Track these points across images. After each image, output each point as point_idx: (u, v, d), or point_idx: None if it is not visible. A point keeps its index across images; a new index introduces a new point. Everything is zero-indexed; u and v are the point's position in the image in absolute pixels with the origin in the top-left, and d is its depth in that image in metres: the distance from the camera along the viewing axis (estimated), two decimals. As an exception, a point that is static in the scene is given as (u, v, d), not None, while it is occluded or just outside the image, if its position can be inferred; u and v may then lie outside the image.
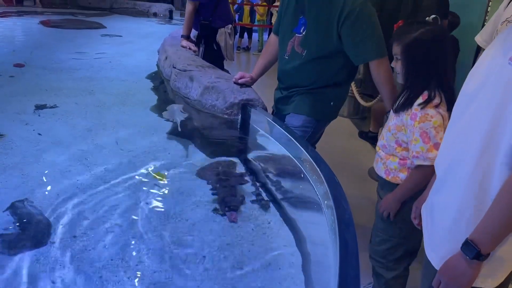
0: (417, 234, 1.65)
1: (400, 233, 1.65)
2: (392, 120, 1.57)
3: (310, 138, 2.06)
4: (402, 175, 1.57)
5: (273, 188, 1.59)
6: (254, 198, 1.47)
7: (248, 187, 1.54)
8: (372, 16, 1.83)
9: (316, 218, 1.27)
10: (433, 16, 1.54)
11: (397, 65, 1.54)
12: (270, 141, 1.83)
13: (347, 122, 4.59)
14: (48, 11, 6.49)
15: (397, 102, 1.54)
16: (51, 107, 2.21)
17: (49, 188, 1.46)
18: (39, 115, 2.10)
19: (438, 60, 1.47)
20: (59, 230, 1.23)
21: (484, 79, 1.03)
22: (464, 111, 1.08)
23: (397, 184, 1.59)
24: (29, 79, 2.75)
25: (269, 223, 1.36)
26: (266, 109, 2.02)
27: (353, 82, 4.03)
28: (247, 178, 1.58)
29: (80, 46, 3.99)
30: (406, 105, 1.49)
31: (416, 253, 1.72)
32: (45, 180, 1.51)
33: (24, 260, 1.11)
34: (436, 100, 1.46)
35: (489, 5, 4.00)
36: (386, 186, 1.66)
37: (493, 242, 0.99)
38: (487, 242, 0.98)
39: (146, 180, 1.57)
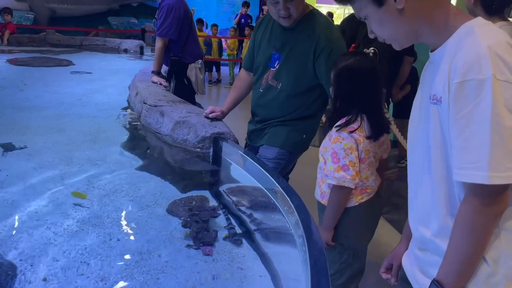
0: (359, 258, 1.73)
1: (340, 258, 1.70)
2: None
3: (283, 170, 2.09)
4: None
5: (246, 221, 1.59)
6: (227, 232, 1.47)
7: (221, 221, 1.54)
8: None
9: (288, 249, 1.28)
10: (372, 48, 1.66)
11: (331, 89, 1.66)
12: (242, 174, 1.84)
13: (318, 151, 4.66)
14: (16, 49, 6.42)
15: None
16: (20, 147, 2.17)
17: (17, 230, 1.42)
18: (6, 156, 2.06)
19: (362, 88, 1.56)
20: (27, 274, 1.19)
21: (417, 125, 1.07)
22: (414, 160, 1.11)
23: None
24: (-4, 119, 2.70)
25: (244, 256, 1.35)
26: (237, 142, 2.05)
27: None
28: (220, 211, 1.59)
29: (49, 84, 3.96)
30: (330, 128, 1.60)
31: (361, 275, 1.78)
32: (13, 222, 1.47)
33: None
34: (353, 125, 1.55)
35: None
36: (322, 209, 1.73)
37: (457, 280, 0.97)
38: (451, 281, 0.97)
39: (117, 217, 1.55)
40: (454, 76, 0.90)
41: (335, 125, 1.58)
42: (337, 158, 1.54)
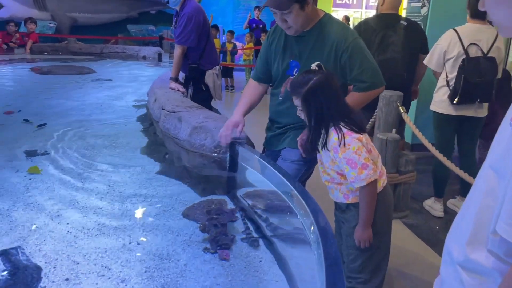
0: (386, 241, 1.83)
1: (370, 244, 1.75)
2: (323, 158, 1.73)
3: (305, 173, 2.08)
4: None
5: (263, 225, 1.61)
6: (244, 235, 1.49)
7: (239, 225, 1.56)
8: (365, 49, 1.97)
9: (304, 252, 1.29)
10: (317, 63, 1.78)
11: (302, 115, 1.72)
12: (258, 178, 1.86)
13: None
14: (39, 58, 6.60)
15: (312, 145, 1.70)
16: (42, 154, 2.23)
17: (40, 233, 1.46)
18: (31, 161, 2.12)
19: (330, 101, 1.65)
20: (50, 276, 1.23)
21: (495, 148, 0.88)
22: (481, 173, 0.91)
23: (358, 203, 1.72)
24: (19, 126, 2.78)
25: (260, 261, 1.37)
26: (253, 147, 2.06)
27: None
28: (237, 215, 1.61)
29: (71, 91, 4.06)
30: (320, 145, 1.67)
31: (387, 258, 1.85)
32: (35, 225, 1.52)
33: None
34: (345, 130, 1.63)
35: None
36: (348, 209, 1.78)
37: None
38: None
39: (137, 221, 1.58)
40: None
41: (334, 140, 1.63)
42: (354, 163, 1.60)
